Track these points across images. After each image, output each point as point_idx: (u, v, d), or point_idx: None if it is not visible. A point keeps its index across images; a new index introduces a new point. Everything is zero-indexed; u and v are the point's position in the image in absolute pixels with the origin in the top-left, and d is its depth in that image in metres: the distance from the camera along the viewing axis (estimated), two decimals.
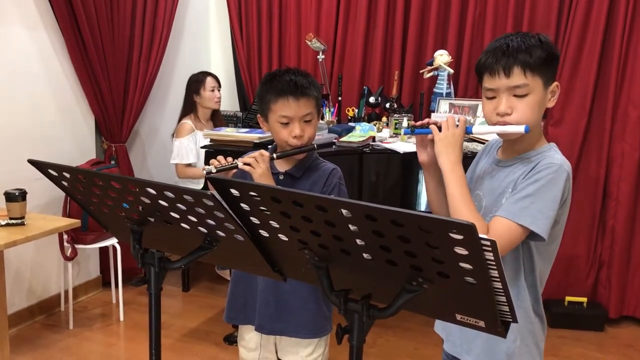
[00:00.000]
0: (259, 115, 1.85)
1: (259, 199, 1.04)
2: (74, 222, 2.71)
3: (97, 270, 3.89)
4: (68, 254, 3.35)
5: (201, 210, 1.12)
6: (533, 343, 1.51)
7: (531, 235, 1.38)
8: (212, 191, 1.07)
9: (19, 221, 2.54)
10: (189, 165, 3.77)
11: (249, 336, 1.95)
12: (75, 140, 3.61)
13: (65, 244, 3.36)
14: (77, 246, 3.37)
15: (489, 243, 0.84)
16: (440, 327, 1.69)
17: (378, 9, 4.02)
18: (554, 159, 1.42)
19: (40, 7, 3.27)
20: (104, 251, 3.78)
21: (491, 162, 1.57)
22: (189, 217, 1.17)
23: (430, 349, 3.17)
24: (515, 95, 1.40)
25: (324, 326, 1.87)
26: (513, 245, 1.40)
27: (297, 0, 4.30)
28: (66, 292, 3.49)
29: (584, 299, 3.54)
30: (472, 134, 1.52)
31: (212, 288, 3.98)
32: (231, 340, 3.19)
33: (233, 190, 1.06)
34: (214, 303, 3.72)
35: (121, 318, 3.48)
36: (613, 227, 3.56)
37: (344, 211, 0.94)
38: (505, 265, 1.45)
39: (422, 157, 1.56)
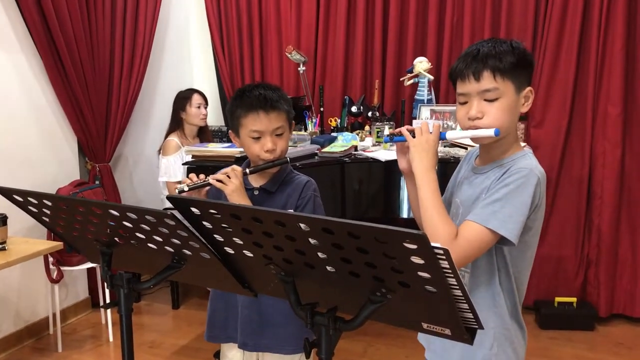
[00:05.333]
0: (230, 131, 1.85)
1: (219, 216, 1.05)
2: (56, 245, 2.70)
3: (86, 292, 3.87)
4: (54, 277, 3.33)
5: (165, 230, 1.12)
6: (511, 350, 1.50)
7: (502, 240, 1.38)
8: (174, 211, 1.08)
9: (0, 246, 2.53)
10: (179, 182, 3.76)
11: (231, 354, 1.94)
12: (58, 162, 3.60)
13: (51, 266, 3.34)
14: (63, 268, 3.35)
15: (442, 251, 0.84)
16: (423, 336, 1.69)
17: (357, 19, 4.05)
18: (525, 164, 1.42)
19: (17, 30, 3.27)
20: (92, 272, 3.77)
21: (469, 170, 1.58)
22: (154, 237, 1.17)
23: (421, 356, 3.14)
24: (486, 100, 1.40)
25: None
26: (483, 250, 1.39)
27: (277, 13, 4.32)
28: (54, 314, 3.47)
29: (574, 299, 3.55)
30: (445, 139, 1.53)
31: (202, 304, 3.96)
32: None
33: (193, 209, 1.06)
34: (204, 319, 3.65)
35: (110, 338, 3.45)
36: (599, 226, 3.57)
37: (302, 225, 0.95)
38: (479, 270, 1.48)
39: (402, 164, 1.57)
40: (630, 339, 3.43)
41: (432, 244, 0.83)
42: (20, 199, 1.25)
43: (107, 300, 3.50)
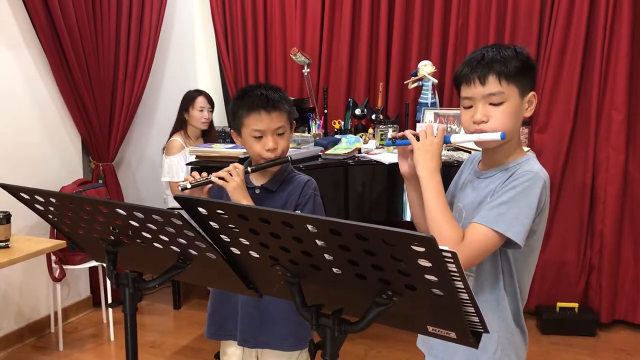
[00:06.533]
0: (232, 130, 1.87)
1: (226, 216, 1.05)
2: (60, 243, 2.71)
3: (88, 291, 3.86)
4: (56, 275, 3.33)
5: (171, 230, 1.12)
6: (514, 354, 1.50)
7: (507, 243, 1.39)
8: (181, 210, 1.08)
9: (3, 244, 2.53)
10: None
11: (231, 351, 1.96)
12: (61, 161, 3.60)
13: (54, 265, 3.33)
14: (65, 267, 3.35)
15: (450, 254, 0.84)
16: (422, 342, 1.69)
17: (362, 22, 4.05)
18: (530, 167, 1.43)
19: (22, 28, 3.27)
20: (94, 271, 3.77)
21: (472, 175, 1.59)
22: (161, 236, 1.17)
23: None
24: (491, 104, 1.42)
25: (307, 337, 1.87)
26: (489, 252, 1.40)
27: (282, 15, 4.33)
28: (56, 313, 3.46)
29: (575, 305, 3.54)
30: (450, 142, 1.52)
31: (203, 305, 3.95)
32: None
33: (201, 209, 1.06)
34: (205, 320, 3.70)
35: (112, 338, 3.45)
36: (602, 232, 3.56)
37: (309, 227, 0.95)
38: (484, 273, 1.48)
39: (404, 168, 1.57)
40: (632, 345, 3.42)
41: (441, 247, 0.83)
42: (27, 196, 1.25)
43: (109, 300, 3.50)
